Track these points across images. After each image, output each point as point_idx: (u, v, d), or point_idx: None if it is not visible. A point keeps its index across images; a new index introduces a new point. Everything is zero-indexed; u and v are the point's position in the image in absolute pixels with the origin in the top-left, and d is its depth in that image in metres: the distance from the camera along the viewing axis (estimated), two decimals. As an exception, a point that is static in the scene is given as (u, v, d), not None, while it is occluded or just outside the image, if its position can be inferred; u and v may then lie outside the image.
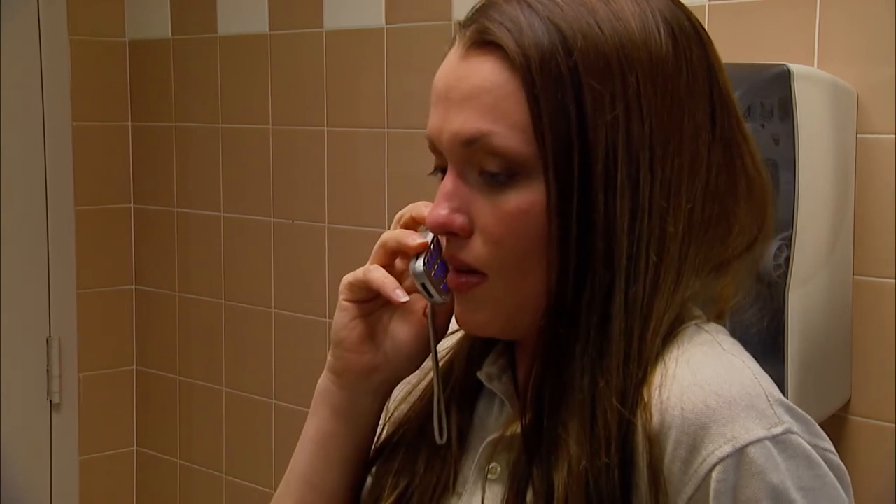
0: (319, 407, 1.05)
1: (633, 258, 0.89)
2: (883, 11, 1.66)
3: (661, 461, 0.85)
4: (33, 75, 2.82)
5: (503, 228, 0.91)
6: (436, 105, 0.95)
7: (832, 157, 1.65)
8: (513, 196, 0.90)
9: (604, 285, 0.89)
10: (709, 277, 0.95)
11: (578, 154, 0.88)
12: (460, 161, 0.93)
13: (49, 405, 2.91)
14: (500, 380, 1.01)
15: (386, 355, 1.02)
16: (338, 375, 1.04)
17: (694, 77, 0.92)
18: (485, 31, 0.91)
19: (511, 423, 0.96)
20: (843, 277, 1.70)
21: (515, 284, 0.92)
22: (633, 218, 0.89)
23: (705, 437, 0.84)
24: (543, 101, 0.89)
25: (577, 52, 0.88)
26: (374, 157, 2.42)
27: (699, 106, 0.92)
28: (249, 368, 2.75)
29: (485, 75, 0.91)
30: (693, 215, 0.91)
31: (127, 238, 3.02)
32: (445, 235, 0.95)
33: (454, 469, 1.00)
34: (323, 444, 1.05)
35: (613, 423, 0.86)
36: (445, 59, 0.96)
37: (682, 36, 0.92)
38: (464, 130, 0.91)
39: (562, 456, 0.88)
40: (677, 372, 0.87)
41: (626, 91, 0.89)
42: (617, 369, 0.88)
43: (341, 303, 1.03)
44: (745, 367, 0.89)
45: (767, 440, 0.84)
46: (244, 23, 2.68)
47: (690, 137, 0.91)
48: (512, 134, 0.90)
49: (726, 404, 0.85)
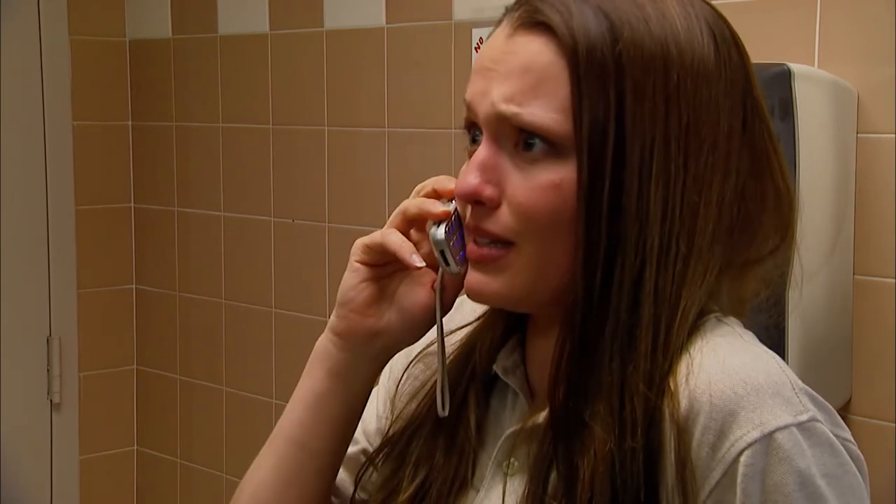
0: (315, 366, 1.06)
1: (664, 247, 0.91)
2: (883, 11, 1.66)
3: (688, 447, 0.86)
4: (33, 75, 2.83)
5: (533, 200, 0.92)
6: (479, 73, 0.96)
7: (832, 156, 1.65)
8: (545, 171, 0.92)
9: (634, 270, 0.90)
10: (731, 277, 0.96)
11: (614, 139, 0.90)
12: (496, 132, 0.94)
13: (49, 405, 2.91)
14: (515, 374, 1.02)
15: (390, 322, 1.03)
16: (339, 336, 1.04)
17: (731, 82, 0.94)
18: (536, 10, 0.93)
19: (529, 416, 0.97)
20: (843, 277, 1.70)
21: (539, 255, 0.93)
22: (665, 208, 0.90)
23: (733, 423, 0.85)
24: (585, 84, 0.90)
25: (622, 42, 0.90)
26: (374, 157, 2.42)
27: (734, 110, 0.94)
28: (250, 368, 2.76)
29: (532, 54, 0.92)
30: (722, 215, 0.93)
31: (127, 238, 3.03)
32: (472, 205, 0.95)
33: (472, 463, 1.01)
34: (314, 403, 1.05)
35: (640, 407, 0.87)
36: (491, 36, 0.97)
37: (723, 42, 0.95)
38: (505, 104, 0.92)
39: (588, 439, 0.89)
40: (704, 361, 0.89)
41: (667, 85, 0.91)
42: (645, 356, 0.89)
43: (352, 263, 1.03)
44: (769, 356, 0.91)
45: (794, 427, 0.86)
46: (244, 22, 2.68)
47: (724, 139, 0.93)
48: (551, 114, 0.91)
49: (754, 391, 0.86)
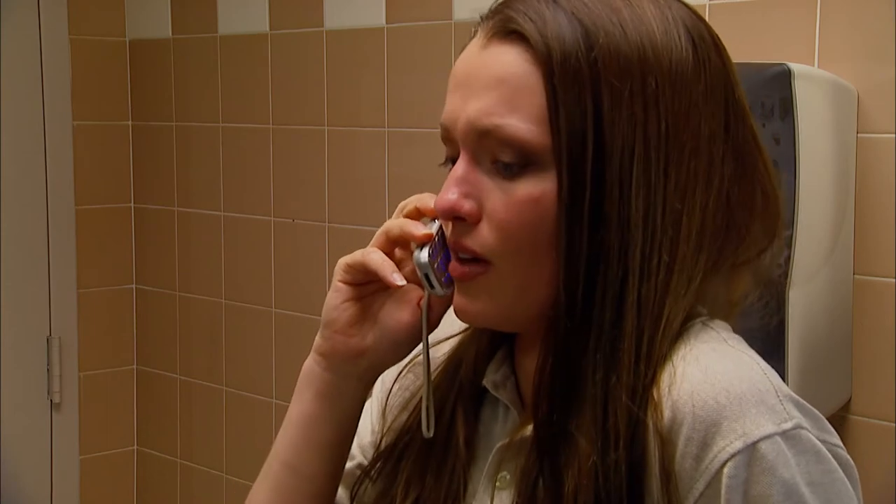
0: (303, 389, 1.05)
1: (646, 256, 0.89)
2: (883, 11, 1.66)
3: (672, 458, 0.85)
4: (33, 75, 2.82)
5: (512, 215, 0.91)
6: (453, 92, 0.95)
7: (832, 156, 1.65)
8: (524, 185, 0.90)
9: (616, 281, 0.89)
10: (719, 280, 0.95)
11: (593, 148, 0.89)
12: (474, 148, 0.93)
13: (49, 405, 2.91)
14: (505, 387, 1.01)
15: (374, 341, 1.02)
16: (324, 357, 1.03)
17: (711, 86, 0.93)
18: (508, 20, 0.92)
19: (519, 429, 0.96)
20: (844, 277, 1.70)
21: (519, 274, 0.92)
22: (646, 216, 0.89)
23: (716, 434, 0.84)
24: (561, 93, 0.89)
25: (598, 48, 0.89)
26: (374, 157, 2.42)
27: (715, 114, 0.93)
28: (250, 368, 2.76)
29: (506, 64, 0.91)
30: (706, 221, 0.92)
31: (127, 237, 3.02)
32: (452, 221, 0.94)
33: (464, 478, 1.00)
34: (305, 427, 1.04)
35: (623, 420, 0.86)
36: (465, 49, 0.96)
37: (702, 45, 0.93)
38: (480, 119, 0.91)
39: (572, 452, 0.88)
40: (686, 370, 0.88)
41: (645, 91, 0.89)
42: (628, 367, 0.88)
43: (335, 283, 1.02)
44: (753, 362, 0.89)
45: (778, 435, 0.84)
46: (244, 22, 2.68)
47: (706, 144, 0.92)
48: (528, 125, 0.90)
49: (736, 400, 0.85)
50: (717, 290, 0.95)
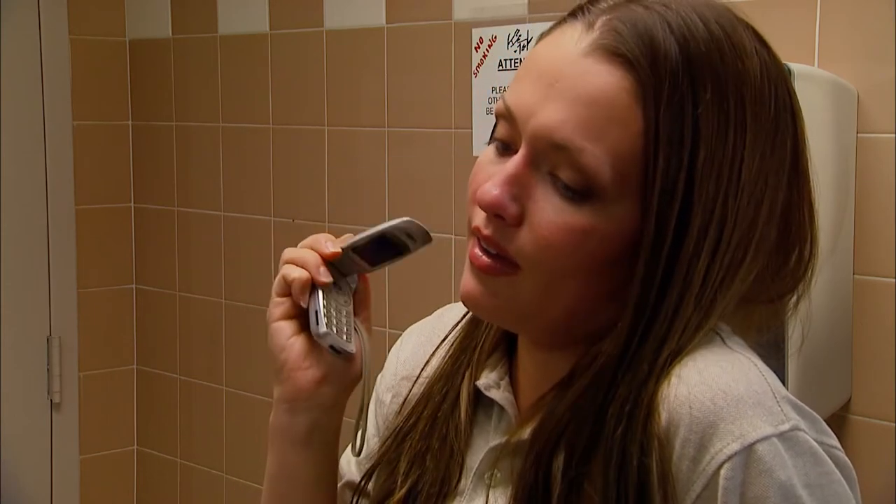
0: (276, 442, 1.05)
1: (691, 318, 0.88)
2: (883, 11, 1.66)
3: (669, 460, 0.85)
4: (33, 75, 2.83)
5: (558, 237, 0.88)
6: (535, 80, 0.89)
7: (832, 156, 1.65)
8: (579, 213, 0.87)
9: (662, 331, 0.88)
10: (740, 315, 0.94)
11: (680, 204, 0.87)
12: (538, 153, 0.89)
13: (49, 404, 2.91)
14: (499, 387, 1.00)
15: (329, 364, 1.02)
16: (288, 401, 1.03)
17: (785, 124, 0.91)
18: (619, 38, 0.87)
19: (516, 431, 0.95)
20: (843, 277, 1.70)
21: (543, 290, 0.90)
22: (706, 277, 0.88)
23: (713, 436, 0.84)
24: (664, 146, 0.86)
25: (703, 105, 0.86)
26: (374, 156, 2.42)
27: (785, 158, 0.92)
28: (250, 368, 2.76)
29: (605, 86, 0.87)
30: (765, 267, 0.92)
31: (127, 237, 3.03)
32: (493, 218, 0.91)
33: (460, 467, 1.00)
34: (286, 477, 1.06)
35: (634, 475, 0.85)
36: (559, 30, 0.91)
37: (780, 80, 0.92)
38: (561, 131, 0.87)
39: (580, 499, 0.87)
40: (683, 372, 0.87)
41: (735, 153, 0.87)
42: (643, 382, 0.87)
43: (270, 328, 1.03)
44: (750, 364, 0.89)
45: (775, 437, 0.84)
46: (244, 22, 2.68)
47: (764, 221, 0.91)
48: (608, 159, 0.86)
49: (734, 402, 0.84)
50: (732, 321, 0.94)
